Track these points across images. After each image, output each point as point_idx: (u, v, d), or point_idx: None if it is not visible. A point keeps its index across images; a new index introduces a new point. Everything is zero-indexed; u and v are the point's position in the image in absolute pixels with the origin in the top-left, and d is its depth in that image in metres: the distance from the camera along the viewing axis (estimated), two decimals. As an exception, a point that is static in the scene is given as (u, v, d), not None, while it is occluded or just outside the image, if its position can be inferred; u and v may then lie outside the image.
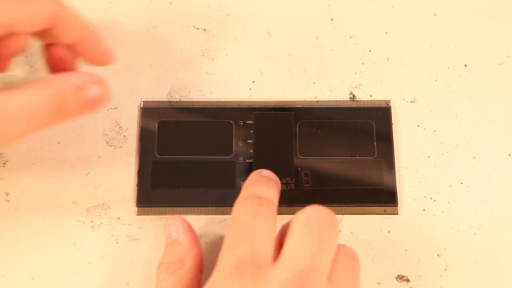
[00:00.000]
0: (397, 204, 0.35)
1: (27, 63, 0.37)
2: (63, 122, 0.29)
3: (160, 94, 0.37)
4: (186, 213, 0.34)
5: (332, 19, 0.39)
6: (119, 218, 0.34)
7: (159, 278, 0.29)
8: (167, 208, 0.34)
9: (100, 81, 0.30)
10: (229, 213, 0.34)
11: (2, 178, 0.35)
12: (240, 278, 0.25)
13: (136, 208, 0.34)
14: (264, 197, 0.29)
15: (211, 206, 0.34)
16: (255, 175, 0.32)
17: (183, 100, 0.37)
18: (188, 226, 0.32)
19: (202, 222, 0.34)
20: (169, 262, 0.30)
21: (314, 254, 0.26)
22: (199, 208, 0.34)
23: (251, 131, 0.36)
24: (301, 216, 0.28)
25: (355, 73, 0.37)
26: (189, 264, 0.30)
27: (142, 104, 0.36)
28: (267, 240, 0.27)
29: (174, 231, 0.31)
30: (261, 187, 0.30)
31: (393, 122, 0.36)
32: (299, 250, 0.26)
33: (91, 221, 0.34)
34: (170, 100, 0.37)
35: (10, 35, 0.30)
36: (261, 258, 0.26)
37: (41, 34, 0.30)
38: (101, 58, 0.33)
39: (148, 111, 0.36)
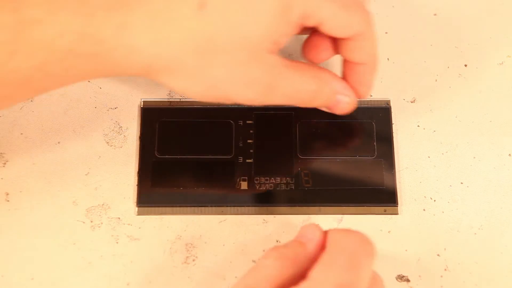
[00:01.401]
0: (397, 204, 0.34)
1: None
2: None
3: (160, 94, 0.37)
4: (186, 213, 0.34)
5: (332, 19, 0.39)
6: (119, 218, 0.34)
7: (265, 255, 0.27)
8: (167, 208, 0.34)
9: (351, 94, 0.32)
10: (229, 213, 0.34)
11: (2, 178, 0.35)
12: None
13: (136, 208, 0.34)
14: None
15: (211, 206, 0.34)
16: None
17: (183, 100, 0.37)
18: (322, 242, 0.28)
19: (202, 222, 0.34)
20: (285, 250, 0.27)
21: (341, 285, 0.25)
22: (199, 208, 0.34)
23: (251, 131, 0.36)
24: (337, 240, 0.27)
25: (355, 73, 0.37)
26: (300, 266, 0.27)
27: (142, 104, 0.36)
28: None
29: (310, 235, 0.28)
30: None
31: (393, 122, 0.36)
32: (326, 279, 0.25)
33: (91, 221, 0.34)
34: (170, 100, 0.37)
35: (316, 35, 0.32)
36: None
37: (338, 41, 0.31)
38: (359, 90, 0.33)
39: (148, 111, 0.36)
